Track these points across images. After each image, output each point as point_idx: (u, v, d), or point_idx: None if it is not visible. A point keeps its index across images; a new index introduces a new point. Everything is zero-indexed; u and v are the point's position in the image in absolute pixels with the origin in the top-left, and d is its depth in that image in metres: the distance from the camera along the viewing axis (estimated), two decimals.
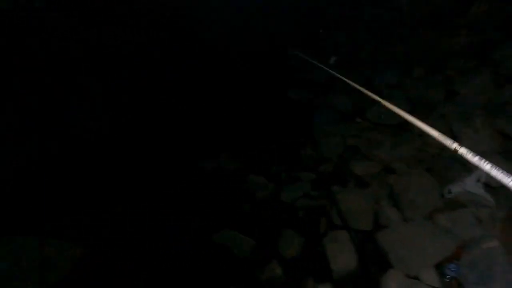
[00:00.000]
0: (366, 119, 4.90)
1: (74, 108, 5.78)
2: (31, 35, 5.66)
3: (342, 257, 3.17)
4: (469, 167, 3.53)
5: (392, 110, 1.65)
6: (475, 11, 6.53)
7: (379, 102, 2.04)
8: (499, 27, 5.69)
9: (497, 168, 1.09)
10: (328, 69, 4.10)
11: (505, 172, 1.06)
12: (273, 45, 8.87)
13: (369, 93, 1.74)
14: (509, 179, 1.03)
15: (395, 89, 5.19)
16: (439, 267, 2.85)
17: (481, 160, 1.15)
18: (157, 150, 5.28)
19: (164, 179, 4.68)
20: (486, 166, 1.13)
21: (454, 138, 4.02)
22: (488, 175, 1.12)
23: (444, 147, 4.07)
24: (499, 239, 2.84)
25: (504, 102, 3.98)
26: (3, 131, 4.98)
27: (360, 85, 5.96)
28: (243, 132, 5.61)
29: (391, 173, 3.95)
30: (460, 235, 2.98)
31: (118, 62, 6.58)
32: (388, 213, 3.43)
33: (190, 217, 3.99)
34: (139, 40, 7.37)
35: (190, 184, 4.61)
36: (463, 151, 1.22)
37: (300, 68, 7.77)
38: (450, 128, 3.98)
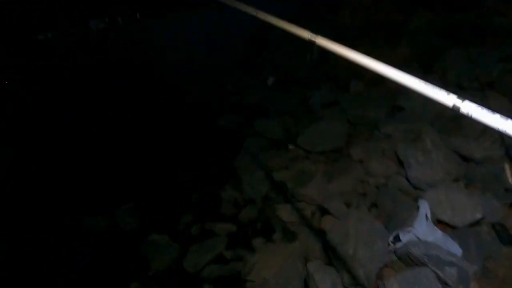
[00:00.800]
0: (298, 146, 3.95)
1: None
2: None
3: None
4: (421, 197, 2.62)
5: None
6: (417, 20, 6.10)
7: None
8: (442, 34, 5.18)
9: None
10: None
11: None
12: (210, 70, 8.18)
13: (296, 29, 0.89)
14: None
15: (332, 108, 4.34)
16: None
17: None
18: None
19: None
20: None
21: (401, 164, 3.15)
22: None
23: (390, 175, 2.81)
24: None
25: (456, 116, 3.16)
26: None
27: (295, 106, 5.14)
28: (154, 175, 4.47)
29: (326, 214, 2.96)
30: None
31: None
32: (321, 281, 2.38)
33: None
34: None
35: (71, 249, 3.40)
36: None
37: (236, 91, 6.92)
38: (395, 152, 3.09)
